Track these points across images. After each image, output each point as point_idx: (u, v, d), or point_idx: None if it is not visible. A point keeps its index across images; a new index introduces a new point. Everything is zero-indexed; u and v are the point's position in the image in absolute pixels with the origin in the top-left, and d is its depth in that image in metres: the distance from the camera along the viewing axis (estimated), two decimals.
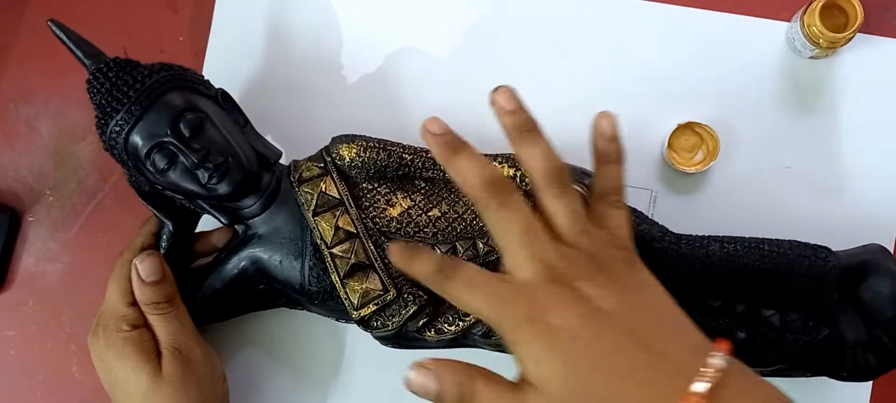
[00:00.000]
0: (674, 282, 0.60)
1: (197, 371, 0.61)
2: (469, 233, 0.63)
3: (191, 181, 0.60)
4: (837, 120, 0.70)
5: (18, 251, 0.72)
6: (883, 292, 0.60)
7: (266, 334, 0.70)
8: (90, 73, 0.61)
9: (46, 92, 0.73)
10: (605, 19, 0.72)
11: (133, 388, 0.60)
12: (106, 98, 0.59)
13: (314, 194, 0.62)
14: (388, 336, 0.61)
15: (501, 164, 0.63)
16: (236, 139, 0.61)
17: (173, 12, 0.74)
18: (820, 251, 0.62)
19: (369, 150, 0.63)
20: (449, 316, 0.61)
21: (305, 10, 0.73)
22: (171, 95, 0.60)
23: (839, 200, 0.70)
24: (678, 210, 0.70)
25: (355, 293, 0.60)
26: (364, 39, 0.73)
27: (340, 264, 0.61)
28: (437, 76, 0.72)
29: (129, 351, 0.60)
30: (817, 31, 0.66)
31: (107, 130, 0.59)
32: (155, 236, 0.65)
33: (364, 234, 0.62)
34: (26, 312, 0.72)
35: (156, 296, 0.60)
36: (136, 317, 0.61)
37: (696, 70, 0.71)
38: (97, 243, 0.72)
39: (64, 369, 0.71)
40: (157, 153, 0.59)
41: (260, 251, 0.63)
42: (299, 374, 0.71)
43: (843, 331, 0.61)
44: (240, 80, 0.72)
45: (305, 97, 0.72)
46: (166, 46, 0.74)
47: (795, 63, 0.70)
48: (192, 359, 0.61)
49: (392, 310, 0.60)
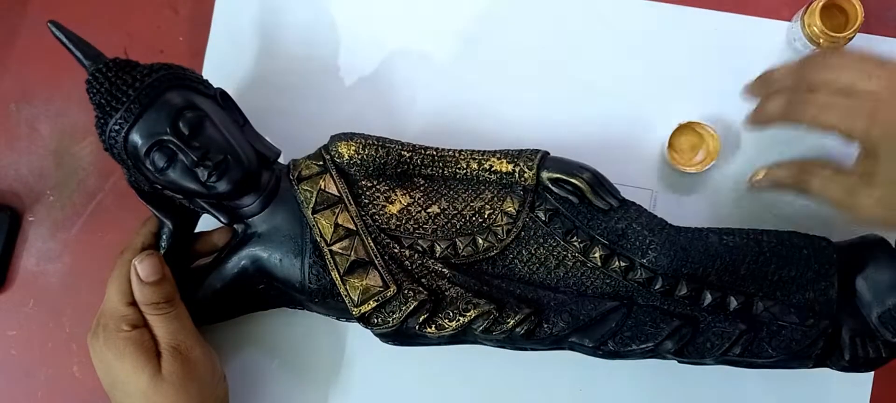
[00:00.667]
0: (674, 275, 0.61)
1: (197, 370, 0.61)
2: (469, 230, 0.63)
3: (190, 179, 0.60)
4: None
5: (19, 251, 0.73)
6: (882, 282, 0.61)
7: (267, 334, 0.70)
8: (89, 74, 0.61)
9: (47, 92, 0.74)
10: (605, 19, 0.72)
11: (133, 388, 0.60)
12: (105, 97, 0.59)
13: (313, 192, 0.62)
14: (389, 332, 0.61)
15: (499, 160, 0.63)
16: (235, 138, 0.61)
17: (173, 13, 0.74)
18: (819, 241, 0.62)
19: (368, 148, 0.63)
20: (449, 311, 0.61)
21: (304, 11, 0.73)
22: (170, 94, 0.60)
23: None
24: (678, 210, 0.69)
25: (355, 290, 0.61)
26: (362, 39, 0.73)
27: (340, 261, 0.61)
28: (436, 75, 0.72)
29: (129, 351, 0.60)
30: (817, 30, 0.66)
31: (106, 130, 0.59)
32: (155, 236, 0.65)
33: (364, 231, 0.62)
34: (27, 312, 0.72)
35: (155, 296, 0.60)
36: (135, 317, 0.61)
37: (697, 70, 0.71)
38: (97, 243, 0.72)
39: (64, 369, 0.71)
40: (157, 151, 0.59)
41: (260, 250, 0.63)
42: (300, 374, 0.71)
43: (843, 322, 0.61)
44: (239, 80, 0.72)
45: (304, 96, 0.72)
46: (166, 47, 0.74)
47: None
48: (193, 359, 0.61)
49: (392, 307, 0.60)
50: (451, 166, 0.63)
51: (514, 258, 0.62)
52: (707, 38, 0.71)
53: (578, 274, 0.62)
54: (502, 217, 0.63)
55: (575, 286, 0.62)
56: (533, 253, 0.62)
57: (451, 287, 0.61)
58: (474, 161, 0.63)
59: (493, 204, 0.63)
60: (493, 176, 0.63)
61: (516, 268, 0.62)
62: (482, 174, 0.63)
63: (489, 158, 0.63)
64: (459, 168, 0.63)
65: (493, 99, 0.72)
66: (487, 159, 0.63)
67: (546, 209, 0.62)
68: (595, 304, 0.61)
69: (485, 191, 0.64)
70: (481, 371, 0.69)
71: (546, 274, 0.62)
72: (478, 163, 0.63)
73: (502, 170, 0.63)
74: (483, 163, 0.63)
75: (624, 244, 0.61)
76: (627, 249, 0.61)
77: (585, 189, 0.61)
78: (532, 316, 0.60)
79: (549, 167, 0.62)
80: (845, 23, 0.67)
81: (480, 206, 0.63)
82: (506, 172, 0.63)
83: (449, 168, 0.63)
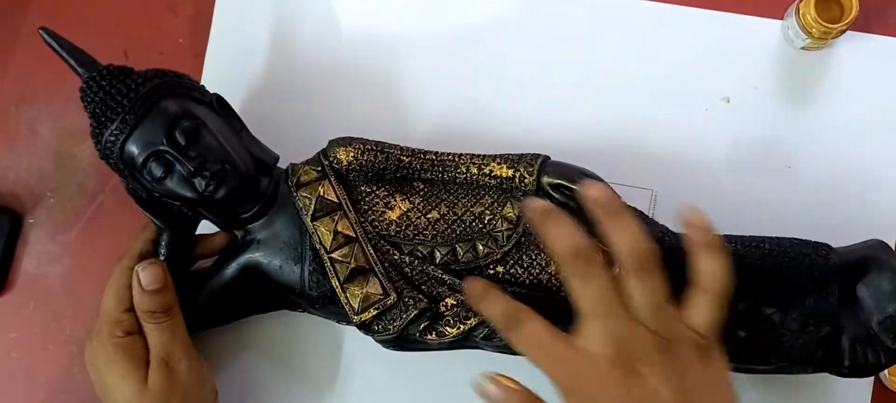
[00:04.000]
0: (675, 283, 0.61)
1: (181, 384, 0.61)
2: (468, 235, 0.63)
3: (188, 188, 0.59)
4: (838, 119, 0.70)
5: (19, 253, 0.72)
6: (883, 288, 0.60)
7: (265, 336, 0.70)
8: (83, 82, 0.60)
9: (47, 94, 0.74)
10: (606, 19, 0.72)
11: (119, 395, 0.60)
12: (100, 107, 0.59)
13: (312, 198, 0.62)
14: (389, 339, 0.61)
15: (499, 165, 0.62)
16: (233, 145, 0.61)
17: (173, 14, 0.74)
18: (820, 248, 0.62)
19: (367, 153, 0.63)
20: (450, 318, 0.60)
21: (305, 12, 0.73)
22: (166, 103, 0.59)
23: (839, 199, 0.70)
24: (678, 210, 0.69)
25: (356, 297, 0.60)
26: (364, 41, 0.73)
27: (340, 269, 0.61)
28: (438, 78, 0.72)
29: (119, 357, 0.60)
30: (811, 19, 0.65)
31: (102, 139, 0.59)
32: (153, 243, 0.64)
33: (363, 238, 0.61)
34: (27, 314, 0.72)
35: (154, 305, 0.60)
36: (130, 324, 0.61)
37: (696, 69, 0.71)
38: (98, 245, 0.72)
39: (65, 371, 0.71)
40: (154, 161, 0.59)
41: (259, 256, 0.63)
42: (298, 376, 0.71)
43: (844, 328, 0.61)
44: (240, 82, 0.72)
45: (306, 98, 0.72)
46: (166, 48, 0.73)
47: (790, 56, 0.71)
48: (178, 372, 0.61)
49: (393, 314, 0.60)
50: (450, 170, 0.63)
51: (515, 263, 0.62)
52: (706, 36, 0.71)
53: None
54: (503, 222, 0.62)
55: None
56: (534, 259, 0.62)
57: (451, 293, 0.61)
58: (474, 165, 0.63)
59: (494, 210, 0.63)
60: (493, 180, 0.63)
61: (517, 274, 0.62)
62: (482, 179, 0.63)
63: (489, 163, 0.63)
64: (459, 172, 0.63)
65: (494, 99, 0.71)
66: (487, 164, 0.63)
67: None
68: None
69: (485, 195, 0.63)
70: None
71: (547, 280, 0.62)
72: (478, 167, 0.63)
73: (502, 174, 0.62)
74: (483, 167, 0.63)
75: None
76: None
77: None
78: None
79: (549, 172, 0.62)
80: (840, 15, 0.67)
81: (481, 211, 0.63)
82: (506, 177, 0.62)
83: (448, 172, 0.63)
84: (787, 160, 0.70)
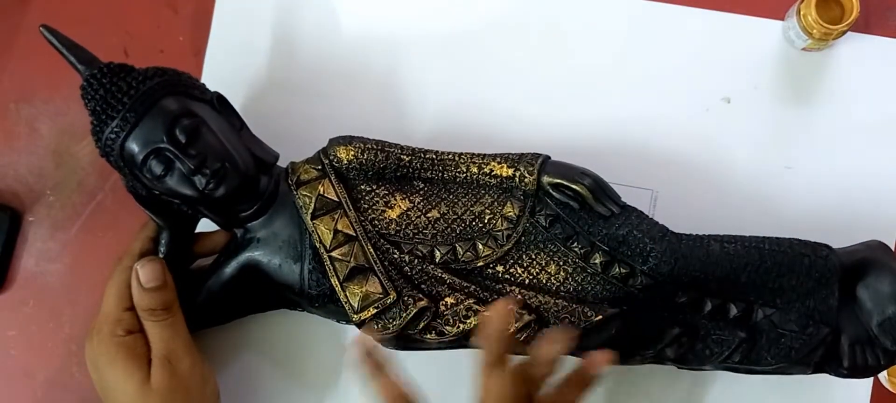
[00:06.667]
0: (674, 283, 0.61)
1: (184, 382, 0.61)
2: (468, 235, 0.63)
3: (188, 187, 0.59)
4: (838, 120, 0.70)
5: (19, 251, 0.72)
6: (883, 290, 0.60)
7: (265, 336, 0.70)
8: (84, 80, 0.60)
9: (47, 92, 0.73)
10: (607, 19, 0.72)
11: (121, 394, 0.60)
12: (101, 105, 0.59)
13: (312, 197, 0.62)
14: (389, 338, 0.61)
15: (500, 164, 0.62)
16: (233, 143, 0.61)
17: (173, 12, 0.74)
18: (820, 249, 0.62)
19: (367, 152, 0.63)
20: (450, 318, 0.60)
21: (306, 10, 0.73)
22: (166, 101, 0.59)
23: (839, 199, 0.70)
24: (679, 210, 0.69)
25: (355, 296, 0.60)
26: (365, 39, 0.73)
27: (340, 267, 0.61)
28: (439, 77, 0.72)
29: (121, 357, 0.59)
30: (812, 20, 0.65)
31: (102, 137, 0.59)
32: (153, 241, 0.64)
33: (363, 237, 0.61)
34: (26, 312, 0.72)
35: (154, 303, 0.60)
36: (131, 323, 0.61)
37: (697, 69, 0.71)
38: (97, 243, 0.72)
39: (64, 369, 0.71)
40: (154, 159, 0.59)
41: (259, 255, 0.63)
42: (298, 376, 0.71)
43: (844, 329, 0.61)
44: (240, 80, 0.72)
45: (306, 97, 0.72)
46: (166, 46, 0.73)
47: (791, 57, 0.71)
48: (181, 370, 0.61)
49: (392, 314, 0.60)
50: (450, 170, 0.63)
51: (515, 263, 0.62)
52: (705, 36, 0.71)
53: (578, 280, 0.62)
54: (502, 222, 0.62)
55: (575, 291, 0.61)
56: (533, 259, 0.62)
57: (451, 293, 0.61)
58: (474, 165, 0.63)
59: (494, 209, 0.63)
60: (493, 180, 0.63)
61: (517, 274, 0.62)
62: (482, 178, 0.63)
63: (489, 162, 0.63)
64: (459, 172, 0.63)
65: (494, 99, 0.71)
66: (488, 163, 0.63)
67: (546, 214, 0.62)
68: (595, 310, 0.61)
69: (485, 195, 0.63)
70: None
71: (546, 279, 0.62)
72: (478, 166, 0.63)
73: (502, 174, 0.62)
74: (483, 167, 0.63)
75: (624, 250, 0.61)
76: (628, 256, 0.61)
77: (586, 194, 0.61)
78: (533, 323, 0.60)
79: (549, 172, 0.62)
80: (841, 16, 0.67)
81: (480, 211, 0.63)
82: (506, 176, 0.62)
83: (449, 171, 0.63)
84: (787, 160, 0.70)
